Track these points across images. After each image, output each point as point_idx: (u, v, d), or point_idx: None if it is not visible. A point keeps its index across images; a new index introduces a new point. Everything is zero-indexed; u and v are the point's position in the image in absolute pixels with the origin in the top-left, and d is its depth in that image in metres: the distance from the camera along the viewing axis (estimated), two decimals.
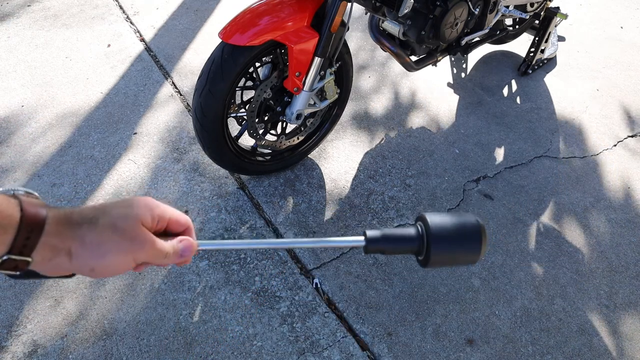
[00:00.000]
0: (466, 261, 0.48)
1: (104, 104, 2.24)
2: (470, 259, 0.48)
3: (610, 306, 1.62)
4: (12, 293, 1.53)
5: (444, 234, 0.47)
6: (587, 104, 2.45)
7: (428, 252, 0.48)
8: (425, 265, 0.49)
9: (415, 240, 0.49)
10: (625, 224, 1.88)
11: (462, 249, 0.48)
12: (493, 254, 1.74)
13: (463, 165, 2.07)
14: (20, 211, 0.40)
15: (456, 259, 0.48)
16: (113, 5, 2.92)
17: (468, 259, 0.48)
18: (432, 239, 0.47)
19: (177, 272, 1.61)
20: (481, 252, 0.48)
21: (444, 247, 0.47)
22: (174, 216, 0.49)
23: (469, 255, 0.48)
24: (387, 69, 2.57)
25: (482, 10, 2.03)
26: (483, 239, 0.48)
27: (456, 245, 0.48)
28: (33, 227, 0.40)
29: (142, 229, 0.45)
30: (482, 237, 0.47)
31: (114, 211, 0.44)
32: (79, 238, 0.43)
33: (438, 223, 0.48)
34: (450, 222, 0.48)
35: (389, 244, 0.49)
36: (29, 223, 0.40)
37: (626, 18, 3.12)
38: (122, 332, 1.45)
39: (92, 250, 0.43)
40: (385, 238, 0.49)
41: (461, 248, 0.48)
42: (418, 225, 0.50)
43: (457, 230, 0.48)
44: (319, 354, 1.43)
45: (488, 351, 1.48)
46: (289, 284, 1.60)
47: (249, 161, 1.80)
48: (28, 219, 0.40)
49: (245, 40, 1.45)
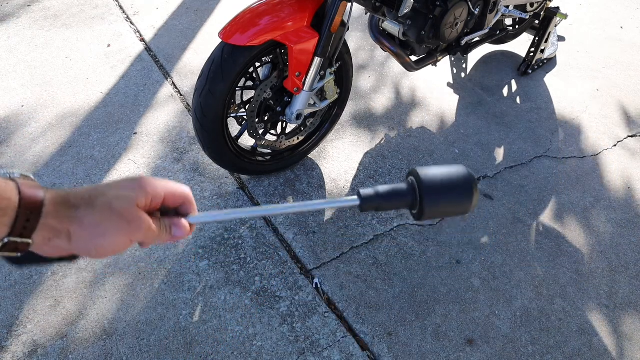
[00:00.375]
0: (459, 211, 0.49)
1: (104, 104, 2.25)
2: (463, 209, 0.49)
3: (610, 306, 1.62)
4: (12, 293, 1.53)
5: (436, 186, 0.48)
6: (587, 104, 2.45)
7: (422, 205, 0.48)
8: (420, 218, 0.50)
9: (408, 194, 0.49)
10: (625, 224, 1.88)
11: (454, 200, 0.48)
12: (493, 254, 1.74)
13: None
14: (18, 194, 0.40)
15: (449, 210, 0.49)
16: (113, 5, 2.92)
17: (461, 210, 0.49)
18: (425, 192, 0.48)
19: (177, 272, 1.61)
20: (473, 201, 0.48)
21: (436, 198, 0.48)
22: (169, 191, 0.49)
23: (462, 206, 0.48)
24: (387, 69, 2.57)
25: (482, 10, 2.03)
26: (474, 189, 0.48)
27: (449, 196, 0.48)
28: (32, 209, 0.41)
29: (137, 210, 0.46)
30: (473, 186, 0.48)
31: (110, 192, 0.45)
32: (78, 220, 0.44)
33: (430, 175, 0.48)
34: (441, 174, 0.48)
35: (382, 200, 0.49)
36: (27, 205, 0.41)
37: (626, 18, 3.12)
38: (122, 332, 1.45)
39: (91, 231, 0.44)
40: (378, 195, 0.49)
41: (453, 199, 0.48)
42: (410, 179, 0.50)
43: (449, 181, 0.48)
44: (319, 354, 1.43)
45: (488, 351, 1.48)
46: (289, 284, 1.60)
47: (249, 161, 1.80)
48: (26, 201, 0.41)
49: (246, 40, 1.45)
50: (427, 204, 0.48)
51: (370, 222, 1.81)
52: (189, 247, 1.68)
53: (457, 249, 1.74)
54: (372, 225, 1.80)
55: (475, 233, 1.80)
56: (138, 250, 1.66)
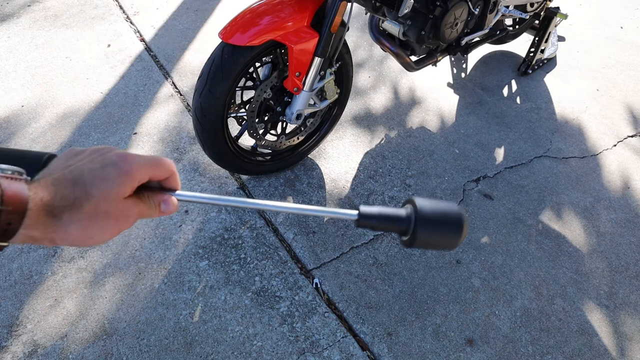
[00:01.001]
0: (446, 246, 0.53)
1: (104, 104, 2.25)
2: (450, 244, 0.52)
3: (610, 306, 1.62)
4: (12, 293, 1.53)
5: (431, 219, 0.51)
6: (587, 104, 2.45)
7: (414, 234, 0.51)
8: (409, 245, 0.53)
9: (404, 221, 0.52)
10: (625, 224, 1.88)
11: (444, 235, 0.52)
12: (493, 254, 1.74)
13: (463, 165, 2.07)
14: (1, 195, 0.38)
15: (438, 244, 0.53)
16: (113, 5, 2.92)
17: (448, 244, 0.52)
18: (419, 223, 0.51)
19: (177, 272, 1.61)
20: (460, 239, 0.52)
21: (429, 231, 0.51)
22: (154, 168, 0.48)
23: (449, 241, 0.52)
24: (387, 69, 2.56)
25: (482, 10, 2.02)
26: (464, 228, 0.52)
27: (440, 231, 0.52)
28: (14, 215, 0.39)
29: (124, 203, 0.45)
30: (463, 226, 0.52)
31: (95, 192, 0.43)
32: (62, 228, 0.42)
33: (426, 208, 0.52)
34: (437, 208, 0.52)
35: (379, 221, 0.52)
36: (10, 211, 0.38)
37: (626, 18, 3.12)
38: (122, 332, 1.45)
39: (76, 237, 0.43)
40: (377, 216, 0.52)
41: (444, 234, 0.52)
42: (408, 207, 0.54)
43: (442, 217, 0.52)
44: (319, 354, 1.43)
45: (488, 351, 1.48)
46: (289, 284, 1.60)
47: (249, 161, 1.80)
48: (9, 205, 0.38)
49: (246, 40, 1.45)
50: (420, 234, 0.51)
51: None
52: (189, 247, 1.68)
53: (457, 249, 1.74)
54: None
55: (475, 233, 1.80)
56: (138, 250, 1.66)
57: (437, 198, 0.55)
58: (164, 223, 1.75)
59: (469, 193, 1.95)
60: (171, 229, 1.74)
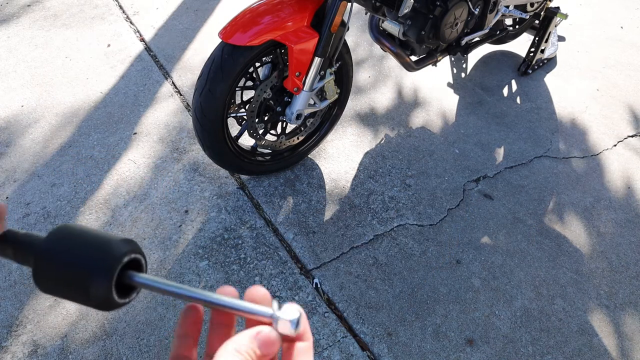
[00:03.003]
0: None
1: (104, 104, 2.24)
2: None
3: (610, 306, 1.62)
4: (12, 293, 1.53)
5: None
6: (587, 104, 2.45)
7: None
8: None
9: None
10: (625, 224, 1.88)
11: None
12: (493, 254, 1.74)
13: (463, 165, 2.07)
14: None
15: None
16: (113, 5, 2.92)
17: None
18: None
19: (177, 272, 1.61)
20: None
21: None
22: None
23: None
24: (387, 69, 2.56)
25: (482, 10, 2.02)
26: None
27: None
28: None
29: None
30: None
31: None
32: None
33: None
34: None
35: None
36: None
37: (626, 18, 3.12)
38: (122, 332, 1.45)
39: None
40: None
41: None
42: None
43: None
44: (319, 354, 1.43)
45: (488, 351, 1.48)
46: (289, 284, 1.60)
47: (249, 161, 1.80)
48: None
49: (246, 40, 1.45)
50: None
51: (370, 222, 1.81)
52: (189, 247, 1.68)
53: (457, 249, 1.74)
54: (372, 225, 1.80)
55: (475, 233, 1.80)
56: None
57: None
58: (163, 223, 1.75)
59: (469, 193, 1.95)
60: (171, 229, 1.74)
